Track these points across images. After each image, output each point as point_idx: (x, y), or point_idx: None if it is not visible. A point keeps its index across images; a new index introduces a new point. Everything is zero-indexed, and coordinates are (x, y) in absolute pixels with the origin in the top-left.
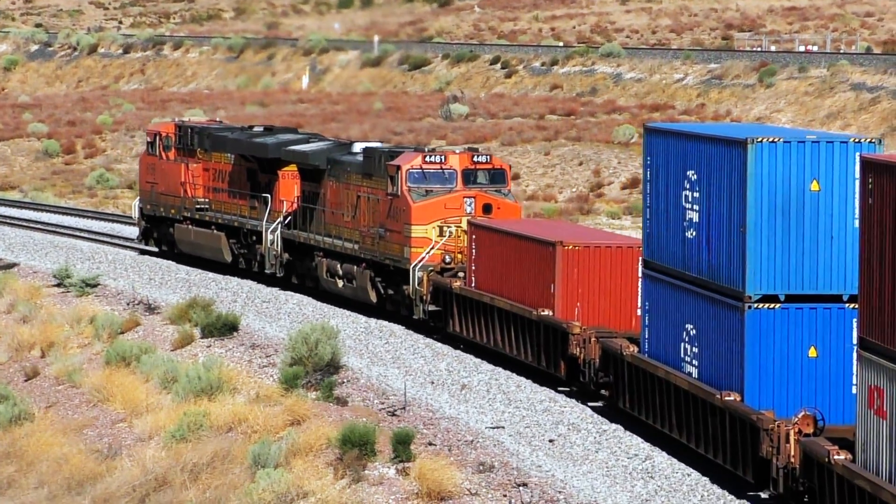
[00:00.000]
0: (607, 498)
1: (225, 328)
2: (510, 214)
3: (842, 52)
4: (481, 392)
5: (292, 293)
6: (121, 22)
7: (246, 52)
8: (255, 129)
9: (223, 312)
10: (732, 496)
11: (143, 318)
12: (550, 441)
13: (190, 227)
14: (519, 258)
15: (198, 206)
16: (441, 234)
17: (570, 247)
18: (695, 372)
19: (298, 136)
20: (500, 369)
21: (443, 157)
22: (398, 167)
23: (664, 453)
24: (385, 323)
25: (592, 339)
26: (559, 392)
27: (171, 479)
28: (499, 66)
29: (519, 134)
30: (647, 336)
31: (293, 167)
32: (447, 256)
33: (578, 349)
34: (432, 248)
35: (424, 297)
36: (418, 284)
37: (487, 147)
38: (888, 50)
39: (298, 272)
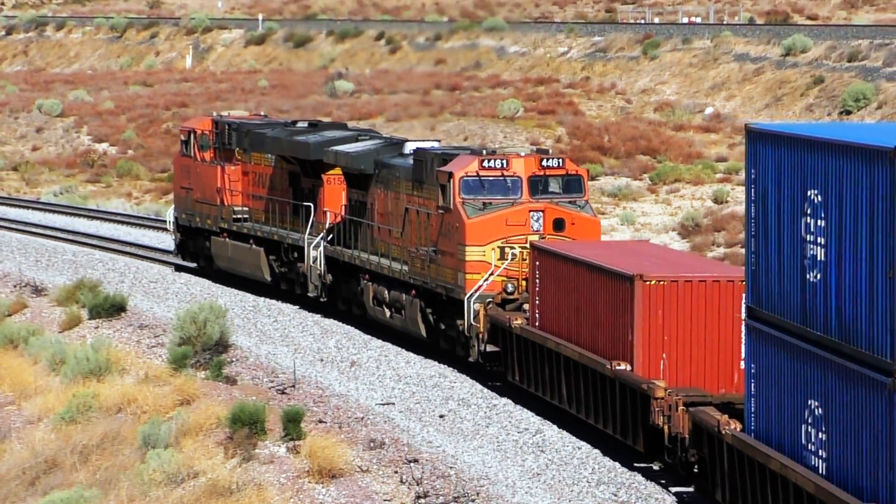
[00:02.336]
0: (498, 472)
1: (113, 309)
2: (588, 232)
3: (725, 23)
4: (371, 369)
5: (183, 273)
6: (3, 3)
7: (128, 32)
8: (299, 124)
9: (110, 293)
10: (624, 468)
11: (30, 300)
12: (441, 417)
13: (227, 240)
14: (591, 294)
15: (235, 217)
16: (502, 257)
17: (653, 282)
18: (822, 466)
19: (347, 133)
20: (388, 345)
21: (504, 162)
22: (450, 174)
23: (555, 427)
24: (274, 301)
25: (680, 408)
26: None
27: (61, 461)
28: (383, 41)
29: (404, 110)
30: (752, 409)
31: (339, 171)
32: (509, 285)
33: (662, 418)
34: (491, 274)
35: (481, 335)
36: (474, 319)
37: (373, 124)
38: (771, 20)
39: (343, 296)
